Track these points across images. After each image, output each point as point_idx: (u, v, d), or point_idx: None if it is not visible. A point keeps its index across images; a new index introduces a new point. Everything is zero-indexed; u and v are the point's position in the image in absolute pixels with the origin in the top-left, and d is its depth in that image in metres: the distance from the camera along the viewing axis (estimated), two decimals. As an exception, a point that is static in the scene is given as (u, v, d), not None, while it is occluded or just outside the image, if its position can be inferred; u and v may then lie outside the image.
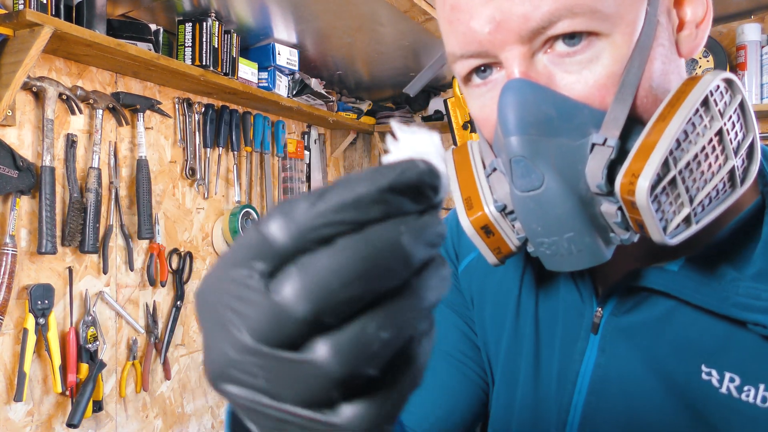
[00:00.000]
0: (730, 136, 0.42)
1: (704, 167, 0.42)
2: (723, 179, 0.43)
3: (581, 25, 0.42)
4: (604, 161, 0.42)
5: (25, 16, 1.21)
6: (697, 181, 0.42)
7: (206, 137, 1.91)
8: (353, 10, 1.79)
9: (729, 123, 0.42)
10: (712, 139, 0.42)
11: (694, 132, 0.41)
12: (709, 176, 0.42)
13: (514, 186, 0.44)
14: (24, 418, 1.40)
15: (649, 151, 0.40)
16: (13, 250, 1.33)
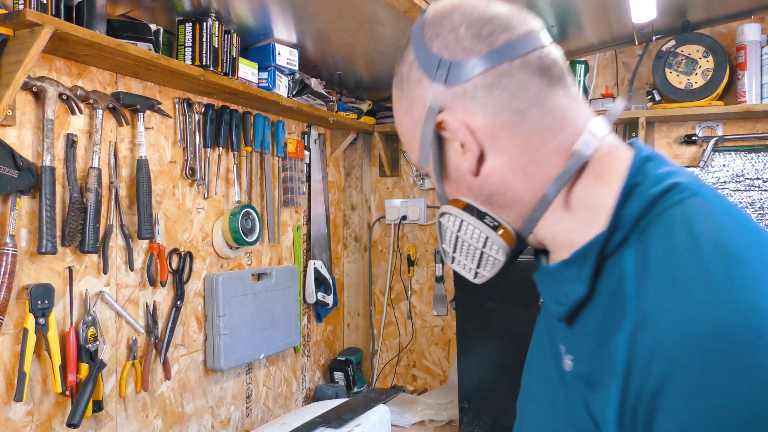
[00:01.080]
0: (464, 240, 0.68)
1: (463, 253, 0.69)
2: (478, 258, 0.68)
3: (423, 172, 0.74)
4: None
5: (25, 16, 1.21)
6: (465, 258, 0.69)
7: (206, 137, 1.91)
8: (353, 10, 1.79)
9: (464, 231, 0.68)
10: (456, 243, 0.69)
11: (445, 240, 0.71)
12: (469, 257, 0.68)
13: None
14: (24, 418, 1.40)
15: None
16: (13, 250, 1.33)
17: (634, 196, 0.59)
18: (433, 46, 0.65)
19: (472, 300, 2.17)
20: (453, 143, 0.65)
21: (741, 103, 2.14)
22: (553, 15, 2.03)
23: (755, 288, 0.49)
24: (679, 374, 0.48)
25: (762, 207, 2.21)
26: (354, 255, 2.85)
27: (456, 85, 0.63)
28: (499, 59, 0.63)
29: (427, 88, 0.65)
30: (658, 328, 0.51)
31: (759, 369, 0.45)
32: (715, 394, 0.47)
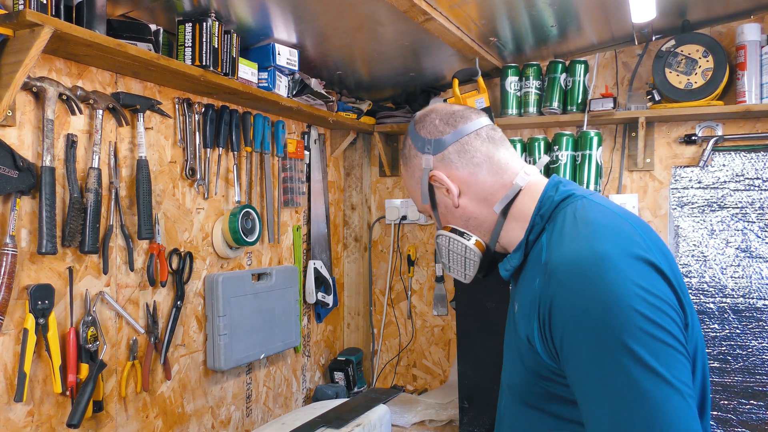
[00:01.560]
0: (454, 249, 1.09)
1: (453, 260, 1.10)
2: (464, 261, 1.09)
3: (425, 214, 1.15)
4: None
5: (25, 17, 1.21)
6: (456, 264, 1.11)
7: (206, 137, 1.91)
8: (353, 10, 1.79)
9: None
10: (448, 253, 1.11)
11: (440, 252, 1.13)
12: (459, 262, 1.10)
13: None
14: (24, 419, 1.40)
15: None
16: (13, 250, 1.33)
17: (546, 204, 1.00)
18: (421, 133, 1.08)
19: (472, 300, 2.17)
20: (441, 189, 1.07)
21: (741, 103, 2.14)
22: (553, 15, 2.03)
23: (599, 241, 0.87)
24: (559, 289, 0.86)
25: (762, 207, 2.21)
26: (354, 255, 2.85)
27: (438, 153, 1.06)
28: (461, 135, 1.06)
29: (421, 159, 1.08)
30: (551, 267, 0.89)
31: (591, 281, 0.83)
32: (574, 295, 0.84)
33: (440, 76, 2.57)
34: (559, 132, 2.35)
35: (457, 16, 1.93)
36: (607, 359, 0.79)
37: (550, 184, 1.03)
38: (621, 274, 0.82)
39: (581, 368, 0.83)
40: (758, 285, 2.21)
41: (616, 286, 0.81)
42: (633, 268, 0.83)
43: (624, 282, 0.81)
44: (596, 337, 0.81)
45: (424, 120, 1.09)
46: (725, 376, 2.23)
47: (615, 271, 0.82)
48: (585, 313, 0.82)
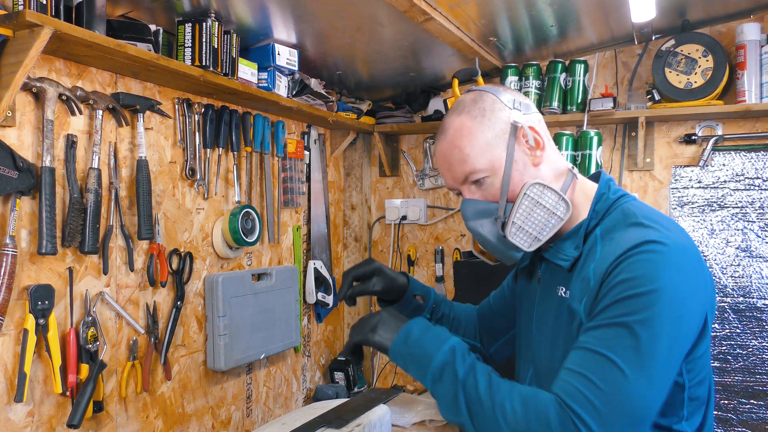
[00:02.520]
0: (544, 202, 1.06)
1: (534, 218, 1.07)
2: (547, 219, 1.06)
3: (476, 177, 1.09)
4: (499, 223, 1.09)
5: (25, 17, 1.21)
6: (533, 223, 1.07)
7: (206, 137, 1.91)
8: (353, 10, 1.79)
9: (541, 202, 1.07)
10: (534, 207, 1.07)
11: (522, 208, 1.08)
12: (538, 220, 1.07)
13: None
14: (24, 419, 1.40)
15: (509, 218, 1.08)
16: (13, 250, 1.33)
17: (601, 200, 1.08)
18: (506, 95, 1.11)
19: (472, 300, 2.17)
20: (525, 146, 1.08)
21: (740, 103, 2.14)
22: (553, 15, 2.03)
23: (651, 231, 0.96)
24: (623, 263, 0.94)
25: (762, 206, 2.21)
26: (354, 255, 2.85)
27: (527, 115, 1.10)
28: (536, 110, 1.13)
29: (509, 113, 1.09)
30: (614, 253, 0.96)
31: (645, 262, 0.92)
32: (634, 267, 0.93)
33: (440, 76, 2.57)
34: (559, 132, 2.35)
35: (456, 16, 1.93)
36: (633, 320, 0.90)
37: (603, 182, 1.10)
38: (687, 272, 0.93)
39: (606, 317, 0.92)
40: (758, 285, 2.21)
41: (679, 280, 0.91)
42: (699, 270, 0.95)
43: (687, 277, 0.92)
44: (635, 303, 0.90)
45: (502, 88, 1.13)
46: (725, 375, 2.23)
47: (683, 265, 0.93)
48: (639, 281, 0.91)
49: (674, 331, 0.90)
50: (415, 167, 2.79)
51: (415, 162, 2.79)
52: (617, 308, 0.91)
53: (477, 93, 1.12)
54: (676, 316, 0.90)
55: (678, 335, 0.91)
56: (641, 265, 0.92)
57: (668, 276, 0.90)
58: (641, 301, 0.89)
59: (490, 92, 1.11)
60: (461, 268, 2.23)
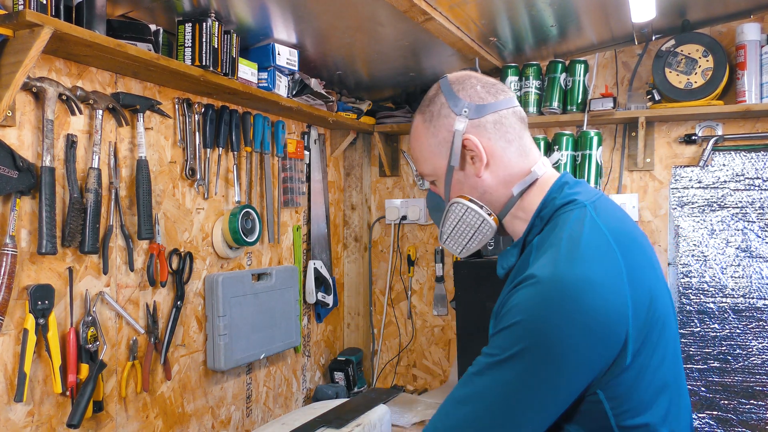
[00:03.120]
0: (466, 221, 1.07)
1: (460, 231, 1.08)
2: (472, 234, 1.08)
3: (426, 178, 1.12)
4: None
5: (25, 17, 1.21)
6: (460, 235, 1.09)
7: (206, 137, 1.91)
8: (353, 10, 1.79)
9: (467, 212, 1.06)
10: (457, 223, 1.07)
11: (448, 221, 1.09)
12: (464, 234, 1.08)
13: None
14: (24, 419, 1.40)
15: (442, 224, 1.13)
16: (13, 250, 1.33)
17: (548, 205, 1.00)
18: (459, 94, 1.04)
19: (472, 300, 2.17)
20: (466, 156, 1.04)
21: (741, 103, 2.14)
22: (553, 15, 2.03)
23: (578, 263, 0.87)
24: (523, 290, 0.89)
25: (762, 206, 2.21)
26: (354, 255, 2.85)
27: (475, 119, 1.03)
28: (500, 107, 1.04)
29: (453, 120, 1.04)
30: (530, 274, 0.89)
31: (555, 302, 0.85)
32: (528, 301, 0.87)
33: (440, 76, 2.54)
34: (559, 132, 2.35)
35: (457, 16, 1.93)
36: (507, 355, 0.86)
37: (556, 185, 1.02)
38: (576, 310, 0.84)
39: (490, 346, 0.90)
40: (758, 285, 2.21)
41: (565, 318, 0.83)
42: (595, 311, 0.84)
43: (574, 319, 0.83)
44: (516, 337, 0.86)
45: (464, 83, 1.06)
46: (725, 375, 2.23)
47: (573, 303, 0.84)
48: (527, 316, 0.85)
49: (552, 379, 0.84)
50: (415, 167, 2.79)
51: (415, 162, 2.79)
52: (497, 338, 0.89)
53: (436, 90, 1.08)
54: (550, 369, 0.84)
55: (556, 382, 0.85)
56: (528, 299, 0.87)
57: (538, 312, 0.85)
58: (510, 334, 0.86)
59: (443, 93, 1.06)
60: (461, 268, 2.23)
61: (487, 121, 1.03)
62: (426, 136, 1.07)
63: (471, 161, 1.03)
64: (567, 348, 0.83)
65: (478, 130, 1.02)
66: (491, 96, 1.04)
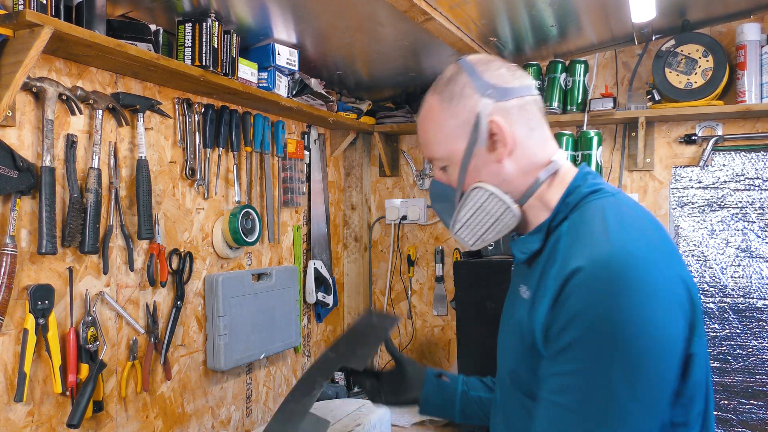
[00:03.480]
0: (487, 209, 0.99)
1: (477, 220, 1.00)
2: (492, 223, 0.99)
3: (437, 163, 1.04)
4: (453, 211, 1.03)
5: (25, 17, 1.21)
6: (476, 225, 1.01)
7: (206, 137, 1.91)
8: (353, 10, 1.79)
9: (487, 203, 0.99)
10: (476, 211, 0.99)
11: (465, 208, 1.01)
12: (482, 223, 1.00)
13: None
14: (24, 419, 1.40)
15: (456, 213, 1.05)
16: (13, 250, 1.33)
17: (573, 193, 0.96)
18: (484, 76, 0.98)
19: (472, 300, 2.17)
20: (486, 141, 0.97)
21: (741, 103, 2.14)
22: (553, 15, 2.03)
23: (629, 241, 0.84)
24: (582, 283, 0.82)
25: (762, 206, 2.21)
26: (354, 255, 2.85)
27: (499, 102, 0.97)
28: (525, 93, 0.99)
29: (477, 101, 0.97)
30: (573, 262, 0.84)
31: (618, 286, 0.80)
32: (595, 293, 0.80)
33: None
34: (559, 132, 2.35)
35: (457, 16, 1.93)
36: (599, 365, 0.79)
37: (580, 174, 0.98)
38: (651, 291, 0.79)
39: (568, 361, 0.81)
40: (758, 285, 2.21)
41: (641, 304, 0.78)
42: (665, 285, 0.81)
43: (651, 302, 0.79)
44: (597, 343, 0.79)
45: (489, 64, 1.00)
46: (725, 376, 2.23)
47: (646, 284, 0.79)
48: (597, 314, 0.79)
49: (648, 373, 0.78)
50: (415, 167, 2.79)
51: (415, 162, 2.79)
52: (576, 350, 0.81)
53: (456, 70, 1.01)
54: (648, 357, 0.78)
55: (652, 376, 0.79)
56: (591, 295, 0.80)
57: (625, 308, 0.78)
58: (600, 345, 0.79)
59: (465, 72, 0.99)
60: (461, 268, 2.23)
61: (512, 105, 0.97)
62: (444, 116, 0.99)
63: (493, 146, 0.97)
64: (653, 328, 0.78)
65: (503, 114, 0.96)
66: (516, 80, 0.99)
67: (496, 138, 0.96)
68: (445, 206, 1.05)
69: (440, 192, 1.05)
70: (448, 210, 1.04)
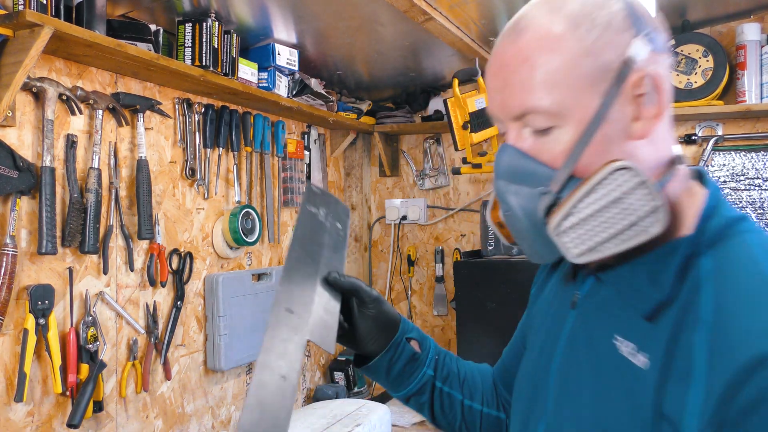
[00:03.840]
0: (627, 203, 0.62)
1: (604, 218, 0.63)
2: (624, 227, 0.62)
3: (536, 122, 0.66)
4: (545, 203, 0.67)
5: (25, 17, 1.21)
6: (599, 225, 0.63)
7: (206, 137, 1.91)
8: (353, 10, 1.79)
9: (630, 194, 0.62)
10: (609, 205, 0.62)
11: (592, 197, 0.63)
12: (609, 224, 0.63)
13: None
14: (24, 419, 1.40)
15: (566, 203, 0.64)
16: (13, 250, 1.33)
17: (715, 214, 0.65)
18: (641, 13, 0.67)
19: (472, 300, 2.17)
20: (630, 102, 0.65)
21: (741, 103, 2.14)
22: (553, 15, 2.03)
23: None
24: (751, 376, 0.52)
25: (762, 206, 2.21)
26: (354, 255, 2.85)
27: (656, 53, 0.66)
28: (668, 51, 0.69)
29: (630, 41, 0.64)
30: (746, 338, 0.54)
31: None
32: None
33: (440, 76, 2.57)
34: (559, 132, 2.35)
35: (457, 16, 1.93)
36: None
37: (714, 189, 0.68)
38: None
39: None
40: (758, 285, 2.21)
41: None
42: None
43: None
44: None
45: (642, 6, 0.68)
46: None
47: None
48: None
49: None
50: (415, 167, 2.79)
51: (415, 162, 2.79)
52: None
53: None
54: None
55: None
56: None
57: None
58: None
59: (613, 3, 0.66)
60: (461, 268, 2.23)
61: (665, 61, 0.67)
62: (571, 49, 0.64)
63: (637, 111, 0.65)
64: None
65: (659, 67, 0.66)
66: (665, 36, 0.69)
67: (643, 101, 0.65)
68: (521, 189, 0.68)
69: (522, 167, 0.68)
70: (529, 197, 0.68)
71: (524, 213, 0.68)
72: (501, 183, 0.70)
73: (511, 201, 0.69)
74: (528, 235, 0.70)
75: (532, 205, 0.68)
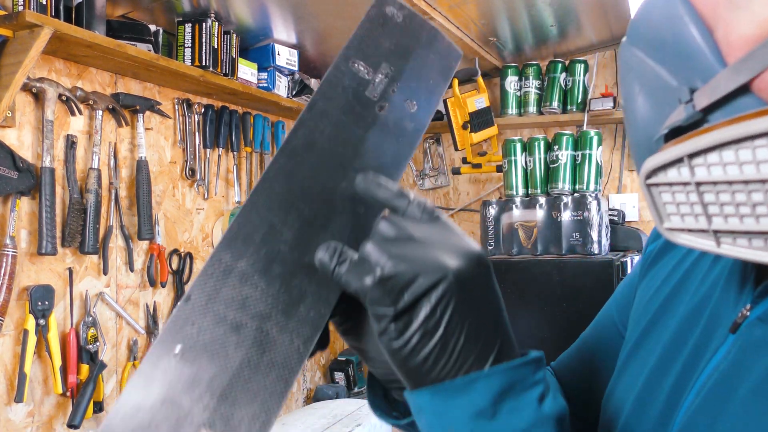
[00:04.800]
0: None
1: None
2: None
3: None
4: (673, 120, 0.37)
5: (25, 17, 1.21)
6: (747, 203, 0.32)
7: (206, 138, 1.91)
8: (353, 10, 1.79)
9: None
10: None
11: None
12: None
13: None
14: (24, 419, 1.40)
15: (701, 135, 0.33)
16: (13, 251, 1.33)
17: None
18: None
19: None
20: None
21: (741, 103, 2.13)
22: (553, 15, 2.03)
23: None
24: None
25: (762, 206, 2.21)
26: (354, 255, 2.85)
27: None
28: None
29: None
30: None
31: None
32: None
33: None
34: (559, 132, 2.34)
35: (456, 16, 1.93)
36: None
37: None
38: None
39: None
40: (758, 284, 2.21)
41: None
42: None
43: None
44: None
45: None
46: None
47: None
48: None
49: None
50: (415, 167, 2.78)
51: (415, 162, 2.79)
52: None
53: None
54: None
55: None
56: None
57: None
58: None
59: None
60: (461, 268, 2.23)
61: None
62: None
63: None
64: None
65: None
66: None
67: None
68: (659, 83, 0.39)
69: (676, 33, 0.38)
70: (660, 95, 0.39)
71: (643, 120, 0.41)
72: (633, 51, 0.42)
73: (634, 89, 0.41)
74: (636, 151, 0.43)
75: (656, 111, 0.39)
